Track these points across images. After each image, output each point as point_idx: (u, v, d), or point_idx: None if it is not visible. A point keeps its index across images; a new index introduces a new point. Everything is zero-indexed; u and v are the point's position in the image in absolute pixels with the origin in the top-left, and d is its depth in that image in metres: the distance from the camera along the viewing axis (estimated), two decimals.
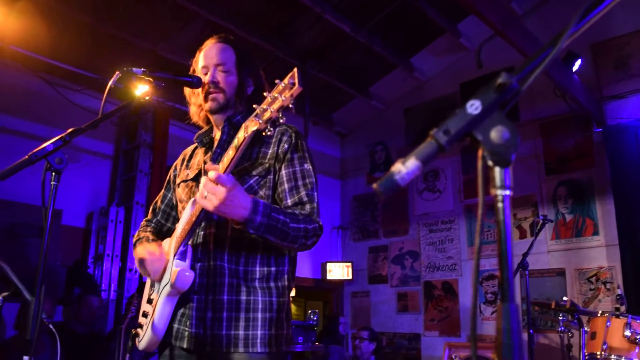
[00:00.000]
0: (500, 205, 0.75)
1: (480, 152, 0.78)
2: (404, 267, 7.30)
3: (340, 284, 7.86)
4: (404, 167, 0.74)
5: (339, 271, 7.65)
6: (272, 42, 6.08)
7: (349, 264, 7.69)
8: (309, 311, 6.06)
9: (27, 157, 1.67)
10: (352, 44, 6.42)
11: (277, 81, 1.48)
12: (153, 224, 2.23)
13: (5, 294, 2.20)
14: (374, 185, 0.74)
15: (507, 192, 0.76)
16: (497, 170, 0.76)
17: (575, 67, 5.34)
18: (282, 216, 1.72)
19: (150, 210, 2.28)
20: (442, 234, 7.00)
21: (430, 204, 7.20)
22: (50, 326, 2.22)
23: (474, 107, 0.78)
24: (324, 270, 7.68)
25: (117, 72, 1.88)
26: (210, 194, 1.58)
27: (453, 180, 7.03)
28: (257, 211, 1.64)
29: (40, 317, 1.68)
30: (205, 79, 2.00)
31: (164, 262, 1.88)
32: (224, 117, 2.04)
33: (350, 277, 7.63)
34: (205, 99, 2.00)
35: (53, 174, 1.70)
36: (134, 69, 1.91)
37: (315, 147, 7.62)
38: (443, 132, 0.76)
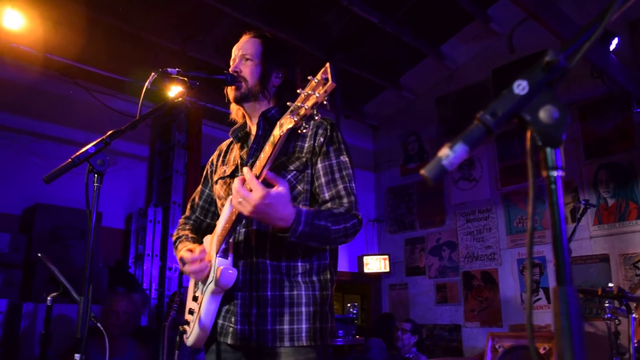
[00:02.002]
0: (552, 186, 0.73)
1: (529, 133, 0.76)
2: (442, 258, 7.22)
3: (377, 276, 7.84)
4: (452, 152, 0.72)
5: (376, 264, 7.62)
6: (300, 38, 6.07)
7: (386, 256, 7.65)
8: (349, 304, 6.06)
9: (70, 160, 1.71)
10: (381, 35, 6.37)
11: (309, 77, 1.47)
12: (192, 221, 2.25)
13: (54, 294, 2.27)
14: (422, 171, 0.73)
15: (560, 173, 0.74)
16: (547, 150, 0.74)
17: (612, 47, 5.19)
18: (323, 221, 1.72)
19: (188, 207, 2.30)
20: (479, 223, 6.90)
21: (467, 193, 7.10)
22: (98, 324, 2.28)
23: (520, 87, 0.76)
24: (360, 264, 7.66)
25: (153, 74, 1.90)
26: (244, 201, 1.60)
27: (489, 169, 6.91)
28: (299, 221, 1.65)
29: (89, 317, 1.72)
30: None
31: (204, 262, 1.89)
32: (253, 109, 2.04)
33: (387, 269, 7.60)
34: (231, 90, 2.02)
35: (96, 175, 1.73)
36: (168, 70, 1.93)
37: (348, 140, 7.49)
38: (490, 115, 0.74)
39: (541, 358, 4.75)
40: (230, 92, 2.03)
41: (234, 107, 2.15)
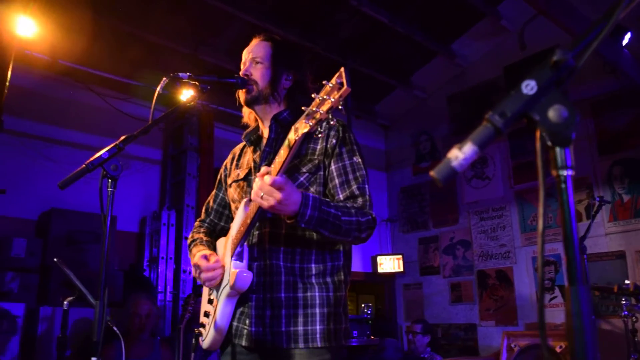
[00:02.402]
0: (563, 185, 0.73)
1: (538, 133, 0.76)
2: (456, 257, 7.19)
3: (391, 276, 7.82)
4: (461, 153, 0.73)
5: (389, 264, 7.61)
6: (311, 39, 6.08)
7: (400, 256, 7.63)
8: (363, 305, 6.06)
9: (84, 165, 1.73)
10: (391, 34, 6.36)
11: (324, 82, 1.47)
12: (206, 224, 2.27)
13: (70, 298, 2.30)
14: (431, 173, 0.73)
15: (570, 172, 0.74)
16: (557, 150, 0.74)
17: (625, 41, 5.14)
18: (332, 209, 1.72)
19: (203, 210, 2.33)
20: (493, 222, 6.86)
21: (480, 191, 7.07)
22: (115, 328, 2.30)
23: (529, 87, 0.76)
24: (374, 264, 7.66)
25: (165, 78, 1.92)
26: (267, 195, 1.60)
27: (502, 167, 6.87)
28: (307, 204, 1.65)
29: (105, 320, 1.74)
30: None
31: (218, 271, 1.91)
32: (265, 111, 2.06)
33: (401, 269, 7.58)
34: (242, 93, 2.04)
35: (109, 180, 1.76)
36: (180, 74, 1.94)
37: (359, 140, 7.42)
38: (499, 115, 0.74)
39: (557, 357, 4.72)
40: (242, 95, 2.05)
41: (245, 111, 2.17)
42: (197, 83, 1.99)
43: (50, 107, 5.47)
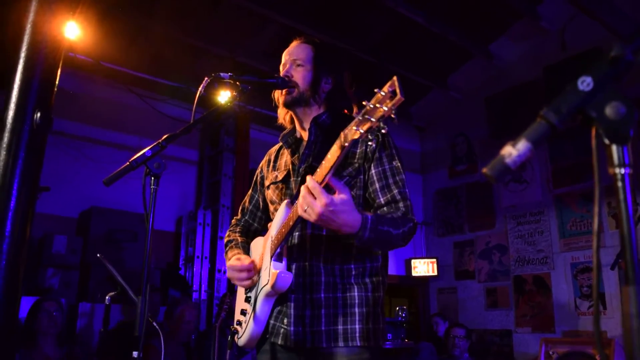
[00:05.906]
0: (620, 184, 0.71)
1: (594, 130, 0.74)
2: (492, 261, 7.08)
3: (425, 280, 7.75)
4: (515, 150, 0.71)
5: (424, 267, 7.54)
6: (346, 40, 6.07)
7: (434, 259, 7.56)
8: (397, 308, 6.01)
9: (128, 163, 1.76)
10: (427, 35, 6.30)
11: (376, 90, 1.46)
12: (242, 224, 2.30)
13: (112, 293, 2.36)
14: (484, 170, 0.72)
15: (628, 170, 0.72)
16: (614, 147, 0.72)
17: None
18: (386, 227, 1.72)
19: (240, 209, 2.36)
20: (531, 226, 6.73)
21: (517, 195, 6.94)
22: (154, 324, 2.34)
23: (585, 83, 0.74)
24: (408, 267, 7.60)
25: (206, 78, 1.94)
26: (309, 208, 1.60)
27: (540, 170, 6.73)
28: (365, 227, 1.66)
29: (147, 316, 1.77)
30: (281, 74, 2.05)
31: (251, 273, 1.96)
32: (304, 113, 2.06)
33: (435, 273, 7.50)
34: (281, 94, 2.04)
35: (152, 178, 1.78)
36: (221, 74, 1.96)
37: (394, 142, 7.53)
38: (554, 112, 0.73)
39: None
40: (281, 96, 2.05)
41: (281, 112, 2.17)
42: (237, 83, 2.00)
43: (92, 108, 5.59)
